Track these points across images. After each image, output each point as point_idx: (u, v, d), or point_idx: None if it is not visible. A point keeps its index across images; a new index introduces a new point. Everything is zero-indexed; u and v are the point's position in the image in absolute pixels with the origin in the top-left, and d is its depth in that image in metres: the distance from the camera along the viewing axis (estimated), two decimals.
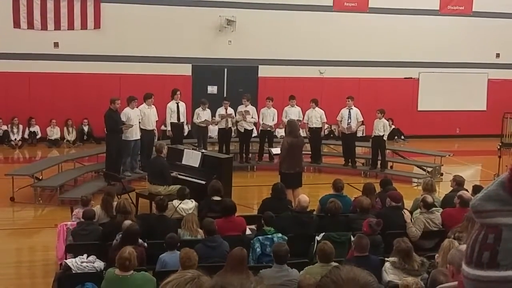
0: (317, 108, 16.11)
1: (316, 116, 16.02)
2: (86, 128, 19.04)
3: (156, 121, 15.02)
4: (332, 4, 20.68)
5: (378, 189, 10.11)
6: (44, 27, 18.74)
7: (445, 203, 9.53)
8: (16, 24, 18.58)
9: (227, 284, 1.46)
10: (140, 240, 7.39)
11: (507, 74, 22.23)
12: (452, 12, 21.66)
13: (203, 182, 10.89)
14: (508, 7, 21.81)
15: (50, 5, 18.63)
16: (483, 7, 21.59)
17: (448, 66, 21.61)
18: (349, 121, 15.92)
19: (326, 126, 16.88)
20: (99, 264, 7.13)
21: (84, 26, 19.02)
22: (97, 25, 19.09)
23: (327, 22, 20.46)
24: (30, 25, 18.65)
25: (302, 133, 13.59)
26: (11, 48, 18.38)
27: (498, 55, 22.28)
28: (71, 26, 18.92)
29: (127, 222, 7.53)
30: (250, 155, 16.51)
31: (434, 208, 8.80)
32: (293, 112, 15.98)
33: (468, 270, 1.24)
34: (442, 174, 15.58)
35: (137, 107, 14.29)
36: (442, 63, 21.52)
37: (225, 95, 18.82)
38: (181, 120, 15.55)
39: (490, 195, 1.26)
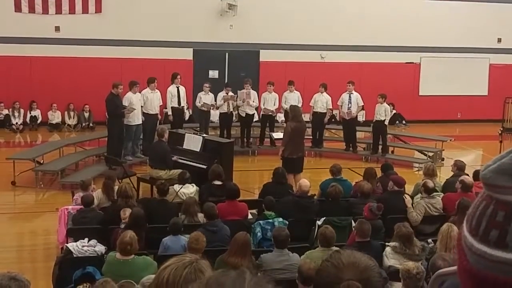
0: (324, 93, 16.08)
1: (322, 101, 16.00)
2: (87, 115, 19.00)
3: (160, 105, 15.02)
4: None
5: (379, 173, 10.12)
6: (45, 11, 18.68)
7: (446, 188, 9.53)
8: (17, 8, 18.51)
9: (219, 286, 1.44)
10: None
11: (508, 59, 22.17)
12: None
13: (204, 167, 10.89)
14: None
15: None
16: None
17: (449, 51, 21.54)
18: (349, 105, 15.89)
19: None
20: (100, 248, 7.16)
21: (85, 10, 18.96)
22: (98, 9, 19.03)
23: (329, 7, 20.36)
24: (31, 9, 18.58)
25: (304, 117, 13.57)
26: (12, 32, 18.32)
27: (499, 40, 22.20)
28: (72, 10, 18.86)
29: (129, 210, 7.52)
30: (251, 139, 16.51)
31: (435, 193, 8.80)
32: (292, 97, 15.97)
33: (472, 241, 1.20)
34: (443, 159, 15.57)
35: (139, 92, 14.26)
36: (443, 48, 21.45)
37: (226, 80, 18.83)
38: (182, 105, 15.54)
39: (504, 169, 1.16)
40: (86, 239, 7.26)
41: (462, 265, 1.23)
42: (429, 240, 7.01)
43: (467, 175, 9.36)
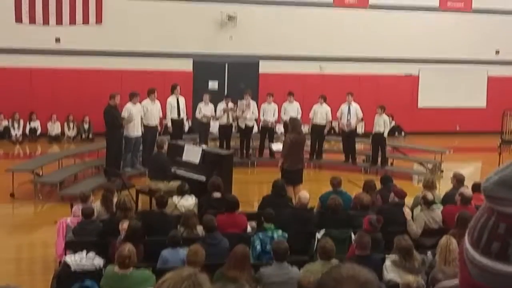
0: (324, 105, 16.10)
1: (322, 113, 16.02)
2: (86, 126, 18.99)
3: (160, 117, 15.02)
4: (332, 1, 20.67)
5: (378, 185, 10.10)
6: (46, 21, 18.74)
7: (445, 200, 9.51)
8: (18, 19, 18.57)
9: None
10: None
11: (506, 71, 22.23)
12: (452, 8, 21.65)
13: (204, 178, 10.87)
14: (507, 4, 21.83)
15: (52, 0, 18.61)
16: (483, 4, 21.59)
17: (448, 63, 21.61)
18: (349, 117, 15.91)
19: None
20: (99, 261, 7.12)
21: (86, 21, 19.02)
22: (98, 20, 19.08)
23: (328, 18, 20.45)
24: (32, 20, 18.64)
25: (304, 129, 13.58)
26: (13, 43, 18.37)
27: (497, 52, 22.27)
28: (72, 21, 18.92)
29: (127, 222, 7.49)
30: (251, 151, 16.50)
31: (434, 205, 8.78)
32: (291, 109, 16.00)
33: (474, 254, 1.19)
34: (442, 171, 15.56)
35: (139, 103, 14.26)
36: (442, 60, 21.52)
37: (226, 91, 18.88)
38: (181, 116, 15.55)
39: (505, 180, 1.17)
40: (85, 252, 7.23)
41: (464, 278, 1.22)
42: (428, 253, 6.98)
43: (467, 187, 9.34)
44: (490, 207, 1.19)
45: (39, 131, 18.85)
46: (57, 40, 18.87)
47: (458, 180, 9.99)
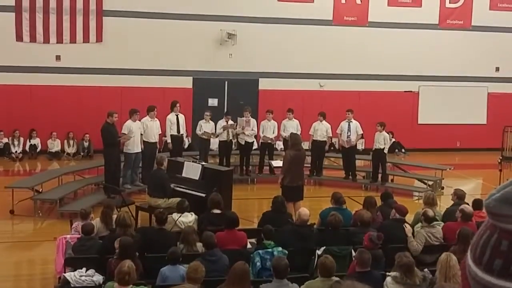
0: (324, 122, 16.12)
1: (322, 130, 16.04)
2: (86, 144, 18.98)
3: (159, 134, 15.04)
4: (332, 18, 20.75)
5: (379, 202, 10.08)
6: (46, 40, 18.80)
7: (446, 217, 9.48)
8: (19, 37, 18.64)
9: None
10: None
11: (506, 87, 22.26)
12: (451, 26, 21.72)
13: (203, 195, 10.86)
14: (507, 21, 21.89)
15: (52, 19, 18.72)
16: (482, 21, 21.66)
17: (448, 80, 21.66)
18: (349, 134, 15.92)
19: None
20: (98, 278, 7.09)
21: (86, 39, 19.09)
22: (99, 39, 19.16)
23: (327, 36, 20.52)
24: (33, 38, 18.71)
25: (304, 145, 13.58)
26: (13, 61, 18.43)
27: (497, 69, 22.31)
28: (73, 40, 18.99)
29: (123, 237, 7.47)
30: (251, 167, 16.49)
31: (435, 222, 8.75)
32: (291, 125, 16.03)
33: (476, 271, 1.18)
34: (443, 188, 15.55)
35: (139, 120, 14.29)
36: (442, 76, 21.57)
37: (225, 108, 18.89)
38: (181, 132, 15.57)
39: (508, 197, 1.16)
40: (84, 269, 7.20)
41: None
42: (426, 270, 6.94)
43: (467, 204, 9.33)
44: (492, 224, 1.18)
45: (39, 148, 18.85)
46: (58, 58, 18.93)
47: (459, 196, 9.98)
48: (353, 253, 7.55)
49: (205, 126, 15.93)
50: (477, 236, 1.23)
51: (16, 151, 18.55)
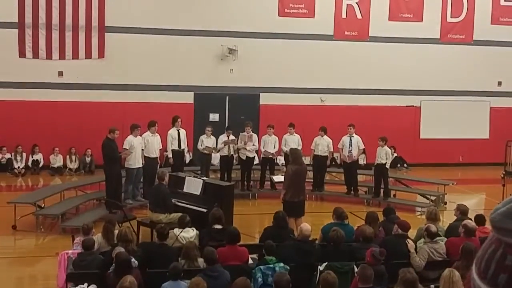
0: (325, 137, 16.12)
1: (323, 145, 16.03)
2: (88, 159, 18.99)
3: (160, 149, 15.05)
4: (332, 33, 20.81)
5: (381, 218, 10.05)
6: (49, 56, 18.89)
7: (449, 232, 9.44)
8: (22, 53, 18.73)
9: None
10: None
11: (509, 102, 22.26)
12: (453, 40, 21.76)
13: (205, 210, 10.85)
14: (508, 35, 21.94)
15: (55, 35, 18.81)
16: (484, 35, 21.71)
17: (449, 94, 21.67)
18: (350, 148, 15.91)
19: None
20: None
21: (88, 55, 19.16)
22: (101, 55, 19.23)
23: (328, 51, 20.58)
24: (35, 55, 18.79)
25: (305, 160, 13.57)
26: (16, 77, 18.52)
27: (499, 83, 22.33)
28: (75, 56, 19.07)
29: (119, 251, 7.45)
30: (252, 182, 16.47)
31: (438, 238, 8.71)
32: (292, 140, 16.02)
33: (481, 285, 1.18)
34: (445, 203, 15.50)
35: (140, 135, 14.30)
36: (443, 91, 21.58)
37: (226, 123, 18.92)
38: (182, 147, 15.58)
39: None
40: (86, 284, 7.18)
41: None
42: (432, 286, 6.91)
43: (470, 219, 9.30)
44: (498, 238, 1.18)
45: (41, 164, 18.87)
46: (60, 73, 19.00)
47: (462, 212, 9.95)
48: (355, 269, 7.51)
49: (207, 141, 15.94)
50: (482, 250, 1.23)
51: (18, 167, 18.57)
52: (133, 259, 7.38)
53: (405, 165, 21.01)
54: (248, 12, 19.90)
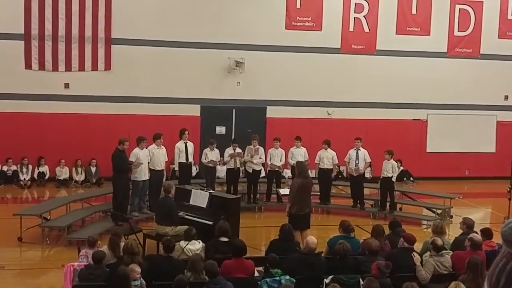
0: (329, 150, 16.12)
1: (328, 158, 16.04)
2: (93, 169, 19.03)
3: (166, 161, 15.05)
4: (340, 46, 20.85)
5: (387, 231, 10.02)
6: (55, 68, 18.97)
7: (455, 246, 9.40)
8: (28, 65, 18.82)
9: None
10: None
11: None
12: (460, 54, 21.78)
13: (211, 223, 10.84)
14: None
15: (61, 47, 18.90)
16: (491, 49, 21.73)
17: (456, 108, 21.66)
18: (357, 162, 15.90)
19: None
20: None
21: (94, 67, 19.24)
22: (107, 67, 19.31)
23: (335, 64, 20.62)
24: (42, 66, 18.88)
25: (311, 173, 13.56)
26: (22, 89, 18.61)
27: (506, 97, 22.31)
28: (82, 68, 19.14)
29: (135, 265, 7.44)
30: (258, 195, 16.46)
31: (444, 251, 8.68)
32: (298, 153, 16.01)
33: None
34: (451, 217, 15.44)
35: (146, 148, 14.32)
36: (450, 105, 21.58)
37: (233, 136, 18.93)
38: (189, 160, 15.59)
39: None
40: None
41: None
42: None
43: (476, 233, 9.26)
44: (509, 252, 1.18)
45: (47, 176, 18.91)
46: (66, 85, 19.07)
47: (468, 225, 9.91)
48: (361, 282, 7.49)
49: (210, 154, 15.94)
50: (493, 264, 1.23)
51: (24, 179, 18.61)
52: (140, 281, 7.35)
53: (411, 178, 20.97)
54: (255, 25, 19.96)
